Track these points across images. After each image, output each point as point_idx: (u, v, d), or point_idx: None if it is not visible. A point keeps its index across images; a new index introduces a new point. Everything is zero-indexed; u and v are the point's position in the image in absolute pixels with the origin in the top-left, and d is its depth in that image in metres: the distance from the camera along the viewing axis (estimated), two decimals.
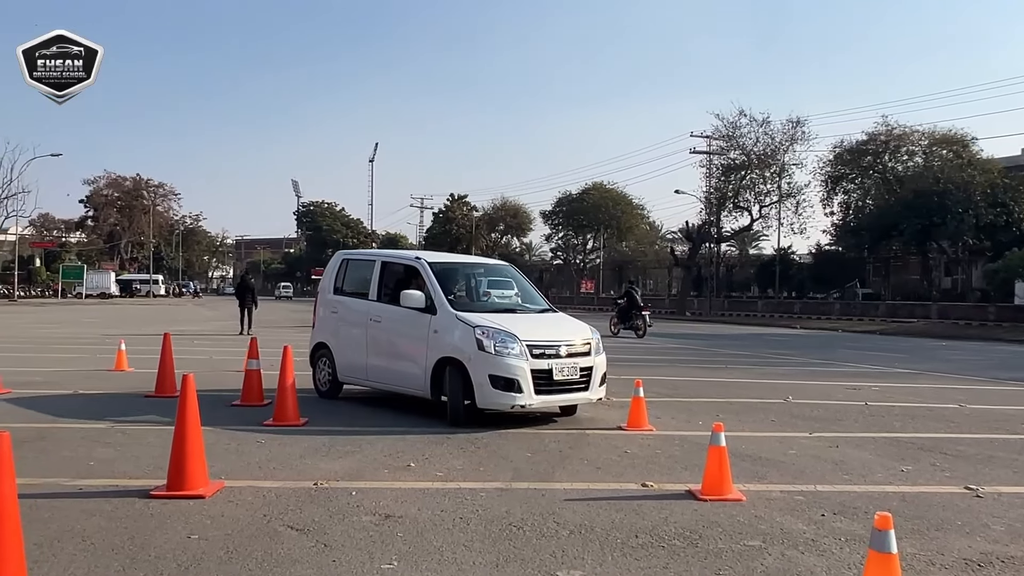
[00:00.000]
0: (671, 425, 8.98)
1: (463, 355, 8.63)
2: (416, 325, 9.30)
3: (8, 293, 64.40)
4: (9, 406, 9.54)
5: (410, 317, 9.38)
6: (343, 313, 10.74)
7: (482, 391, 8.47)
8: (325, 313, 10.99)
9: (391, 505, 5.43)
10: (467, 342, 8.63)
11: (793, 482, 6.40)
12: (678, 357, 18.92)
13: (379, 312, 10.02)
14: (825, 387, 13.09)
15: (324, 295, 11.18)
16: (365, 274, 10.58)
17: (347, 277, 11.00)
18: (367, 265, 10.75)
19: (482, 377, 8.44)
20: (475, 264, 11.64)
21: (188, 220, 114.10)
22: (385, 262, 10.50)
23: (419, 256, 10.29)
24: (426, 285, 9.44)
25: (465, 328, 8.74)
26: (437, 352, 8.94)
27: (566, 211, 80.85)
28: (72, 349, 18.29)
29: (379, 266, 10.38)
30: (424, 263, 9.81)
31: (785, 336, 30.64)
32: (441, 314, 9.09)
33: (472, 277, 10.68)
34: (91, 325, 29.30)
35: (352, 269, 11.10)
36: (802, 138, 52.19)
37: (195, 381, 5.73)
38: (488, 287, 10.97)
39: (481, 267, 11.42)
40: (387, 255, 11.21)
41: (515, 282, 10.96)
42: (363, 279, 10.58)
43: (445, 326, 8.99)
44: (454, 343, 8.81)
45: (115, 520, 4.94)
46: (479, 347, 8.51)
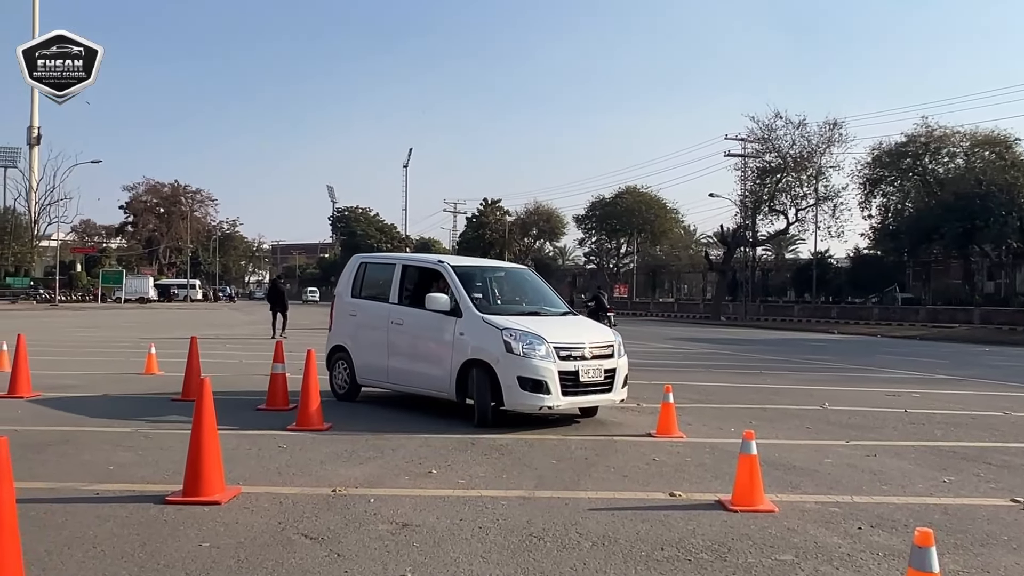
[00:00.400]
0: (702, 432, 8.74)
1: (491, 357, 8.66)
2: (441, 328, 9.30)
3: (50, 298, 65.55)
4: (38, 408, 9.57)
5: (434, 320, 9.37)
6: (362, 316, 10.67)
7: (510, 392, 8.51)
8: (343, 316, 10.95)
9: (409, 513, 5.28)
10: (494, 344, 8.65)
11: (828, 493, 6.13)
12: (711, 362, 18.60)
13: (401, 315, 9.99)
14: (863, 393, 12.73)
15: (341, 298, 11.14)
16: (384, 277, 10.57)
17: (365, 280, 10.96)
18: (386, 268, 10.73)
19: (510, 379, 8.48)
20: (495, 267, 11.65)
21: (225, 225, 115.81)
22: (406, 265, 10.51)
23: (442, 259, 10.23)
24: (450, 288, 9.44)
25: (492, 331, 8.77)
26: (463, 354, 8.96)
27: (599, 215, 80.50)
28: (106, 352, 18.44)
29: (399, 269, 10.36)
30: (448, 266, 9.80)
31: (822, 341, 30.08)
32: (467, 317, 9.10)
33: (493, 280, 10.65)
34: (127, 329, 29.64)
35: (370, 272, 11.08)
36: (839, 140, 51.58)
37: (223, 384, 5.66)
38: (509, 290, 10.92)
39: (501, 270, 11.46)
40: (407, 258, 11.20)
41: (534, 285, 10.97)
42: (382, 282, 10.57)
43: (471, 329, 9.00)
44: (481, 345, 8.83)
45: (128, 526, 4.85)
46: (507, 349, 8.54)
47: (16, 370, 10.55)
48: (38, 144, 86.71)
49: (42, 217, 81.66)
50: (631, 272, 78.14)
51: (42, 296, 67.04)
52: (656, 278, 79.46)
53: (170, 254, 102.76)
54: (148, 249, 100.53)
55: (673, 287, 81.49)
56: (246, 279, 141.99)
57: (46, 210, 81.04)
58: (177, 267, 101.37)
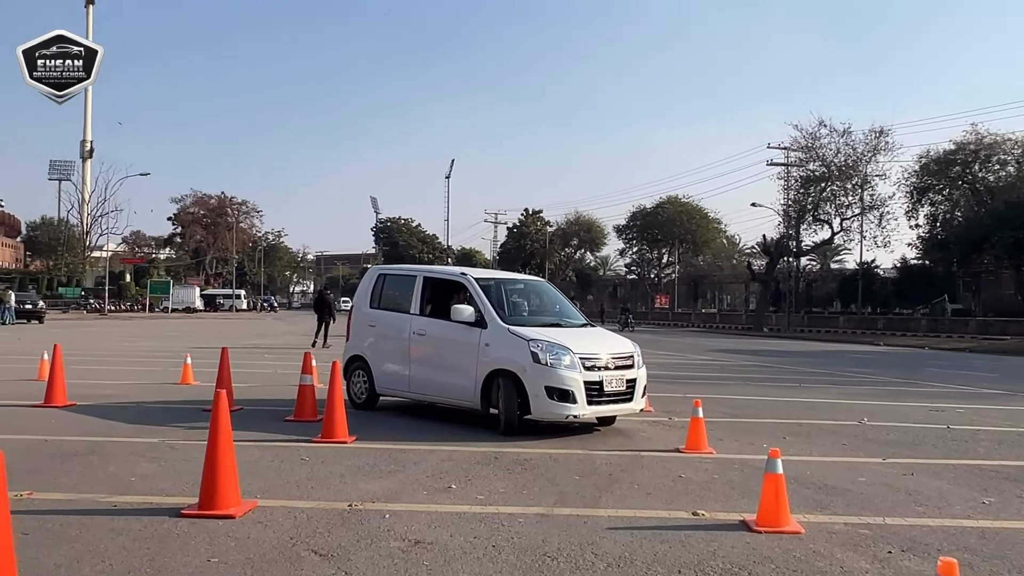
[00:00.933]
0: (732, 448, 8.53)
1: (517, 367, 8.87)
2: (466, 338, 9.44)
3: (99, 307, 66.99)
4: (71, 418, 9.70)
5: (459, 331, 9.51)
6: (381, 327, 10.78)
7: (538, 402, 8.73)
8: (361, 327, 11.05)
9: (423, 530, 5.20)
10: (521, 355, 8.86)
11: (859, 513, 5.91)
12: (749, 375, 18.25)
13: (423, 326, 10.11)
14: (905, 408, 12.35)
15: (360, 309, 11.23)
16: (405, 289, 10.69)
17: (384, 292, 11.09)
18: (407, 280, 10.82)
19: (538, 388, 8.69)
20: (515, 280, 11.77)
21: (270, 236, 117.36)
22: (427, 277, 10.62)
23: (464, 272, 10.38)
24: (474, 300, 9.60)
25: (519, 341, 8.97)
26: (488, 365, 9.14)
27: (640, 225, 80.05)
28: (146, 362, 18.73)
29: (421, 281, 10.47)
30: (471, 279, 9.97)
31: (867, 354, 29.41)
32: (492, 328, 9.28)
33: (512, 292, 10.75)
34: (170, 339, 30.10)
35: (389, 284, 11.20)
36: (885, 148, 50.54)
37: (256, 394, 5.64)
38: (528, 302, 10.99)
39: (520, 282, 11.64)
40: (428, 270, 11.31)
41: (553, 297, 11.17)
42: (403, 294, 10.72)
43: (496, 339, 9.18)
44: (508, 356, 9.03)
45: (140, 540, 4.84)
46: (534, 360, 8.75)
47: (52, 380, 10.71)
48: (91, 157, 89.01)
49: (94, 229, 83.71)
50: (673, 283, 77.43)
51: (92, 306, 68.48)
52: (698, 289, 78.57)
53: (216, 264, 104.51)
54: (195, 260, 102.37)
55: (715, 298, 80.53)
56: (291, 289, 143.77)
57: (98, 222, 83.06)
58: (223, 277, 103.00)
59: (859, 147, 51.02)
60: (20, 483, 6.20)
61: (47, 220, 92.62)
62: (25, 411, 10.22)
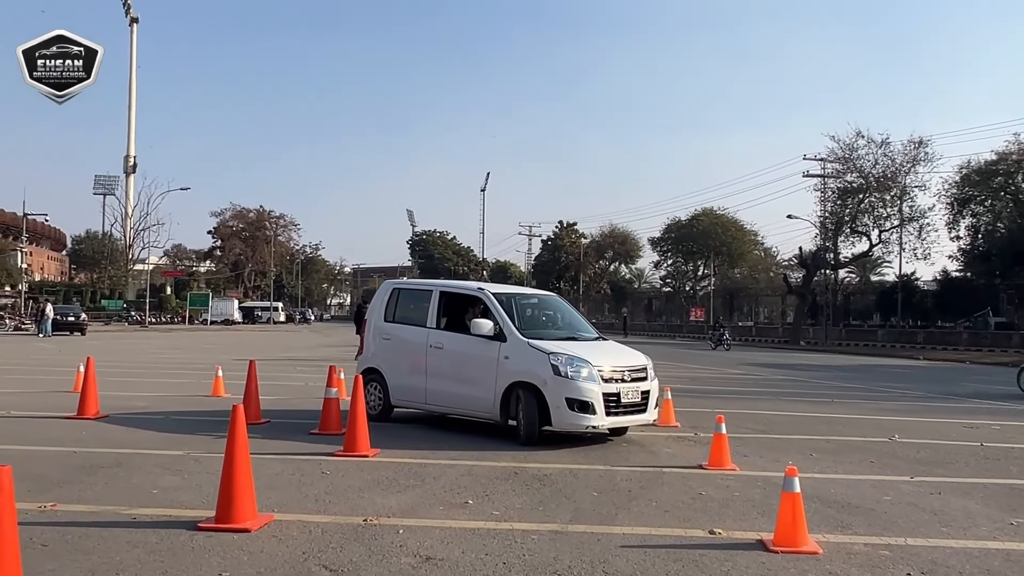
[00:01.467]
0: (757, 465, 8.42)
1: (538, 380, 9.13)
2: (485, 352, 9.67)
3: (141, 319, 68.20)
4: (101, 430, 9.88)
5: (478, 344, 9.75)
6: (397, 340, 10.99)
7: (558, 413, 9.00)
8: (376, 340, 11.27)
9: (435, 546, 5.20)
10: (542, 367, 9.13)
11: (881, 534, 5.80)
12: (781, 389, 18.01)
13: (440, 339, 10.34)
14: (938, 425, 12.10)
15: (375, 322, 11.42)
16: (421, 303, 10.91)
17: (399, 306, 11.29)
18: (423, 295, 11.02)
19: (559, 400, 8.97)
20: (529, 294, 11.93)
21: (308, 249, 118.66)
22: (443, 292, 10.85)
23: (482, 287, 10.66)
24: (492, 314, 9.85)
25: (539, 355, 9.25)
26: (508, 377, 9.40)
27: (675, 237, 79.56)
28: (180, 374, 19.01)
29: (437, 296, 10.70)
30: (489, 294, 10.24)
31: (905, 368, 28.88)
32: (511, 341, 9.53)
33: (527, 307, 10.93)
34: (207, 351, 30.53)
35: (405, 298, 11.41)
36: (925, 159, 49.59)
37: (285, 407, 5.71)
38: (542, 316, 11.16)
39: (534, 297, 11.79)
40: (445, 285, 11.51)
41: (566, 312, 11.52)
42: (418, 308, 10.95)
43: (516, 352, 9.44)
44: (528, 368, 9.29)
45: (155, 553, 4.91)
46: (555, 372, 9.03)
47: (85, 392, 10.92)
48: (134, 172, 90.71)
49: (136, 242, 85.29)
50: (708, 295, 76.74)
51: (133, 318, 69.73)
52: (734, 302, 77.78)
53: (255, 277, 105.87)
54: (234, 272, 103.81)
55: (751, 311, 79.63)
56: (328, 301, 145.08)
57: (140, 235, 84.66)
58: (261, 290, 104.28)
59: (898, 158, 50.22)
60: (47, 494, 6.35)
61: (91, 234, 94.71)
62: (59, 422, 10.43)
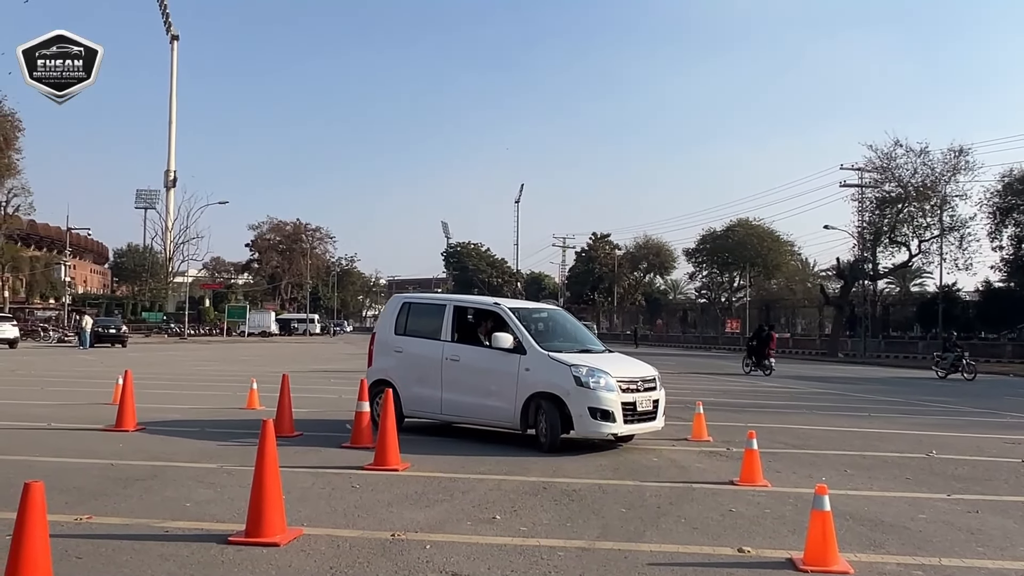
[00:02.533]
0: (790, 481, 8.32)
1: (561, 390, 9.60)
2: (504, 364, 10.09)
3: (180, 331, 69.29)
4: (137, 442, 10.05)
5: (496, 357, 10.17)
6: (409, 353, 11.30)
7: (581, 422, 9.51)
8: (385, 353, 11.56)
9: (461, 562, 5.21)
10: (564, 379, 9.62)
11: (915, 553, 5.69)
12: (817, 403, 17.76)
13: (456, 352, 10.69)
14: (978, 440, 11.85)
15: (384, 335, 11.73)
16: (434, 317, 11.25)
17: (410, 319, 11.61)
18: (436, 309, 11.41)
19: (581, 409, 9.46)
20: (540, 309, 12.27)
21: (343, 262, 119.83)
22: (457, 306, 11.24)
23: (498, 302, 11.13)
24: (511, 328, 10.24)
25: (561, 367, 9.73)
26: (529, 388, 9.84)
27: (710, 248, 79.04)
28: (216, 387, 19.26)
29: (451, 310, 11.09)
30: (506, 309, 10.67)
31: (945, 381, 28.32)
32: (531, 354, 9.97)
33: (539, 321, 11.28)
34: (244, 362, 30.93)
35: (416, 312, 11.73)
36: (965, 168, 48.67)
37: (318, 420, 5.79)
38: (554, 330, 11.39)
39: (544, 311, 12.11)
40: (459, 300, 11.88)
41: (574, 325, 12.06)
42: (431, 321, 11.24)
43: (538, 365, 9.89)
44: (550, 380, 9.76)
45: (185, 567, 4.98)
46: (577, 383, 9.50)
47: (122, 405, 11.13)
48: (174, 187, 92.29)
49: (176, 255, 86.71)
50: (744, 307, 76.01)
51: (173, 330, 70.86)
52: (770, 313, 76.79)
53: (291, 290, 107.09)
54: (271, 285, 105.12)
55: (788, 322, 78.67)
56: (363, 313, 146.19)
57: (180, 248, 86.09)
58: (298, 302, 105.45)
59: (937, 167, 49.41)
60: (83, 506, 6.48)
61: (133, 247, 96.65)
62: (97, 434, 10.64)
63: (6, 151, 53.53)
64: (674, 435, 11.39)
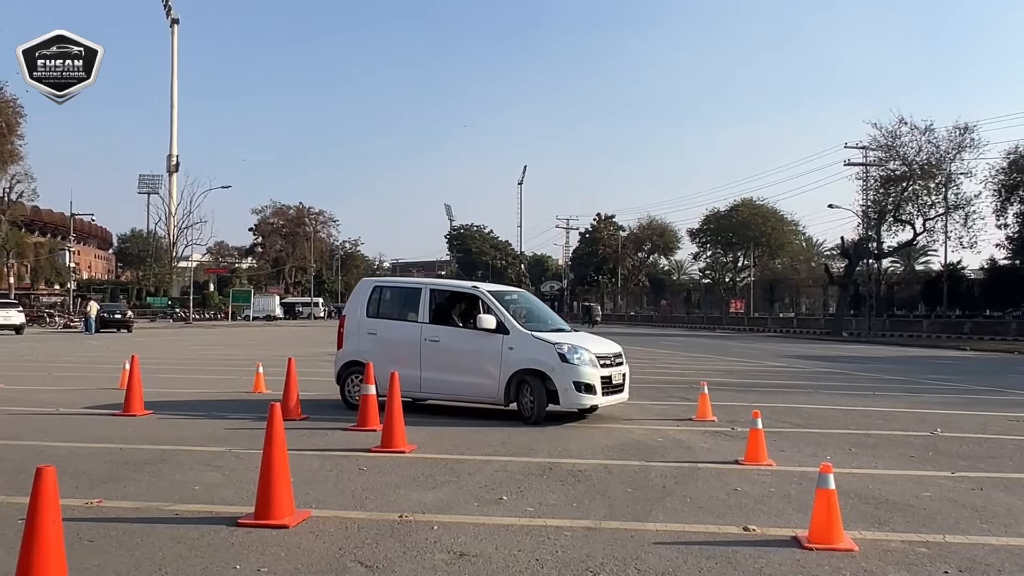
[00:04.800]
0: (794, 460, 8.36)
1: (546, 367, 10.34)
2: (488, 344, 10.70)
3: (185, 316, 69.48)
4: (145, 427, 10.12)
5: (478, 337, 10.78)
6: (385, 334, 11.68)
7: (566, 395, 10.32)
8: (358, 335, 11.89)
9: (469, 542, 5.26)
10: (549, 356, 10.37)
11: (919, 531, 5.73)
12: (821, 383, 17.78)
13: (435, 333, 11.21)
14: (983, 418, 11.87)
15: (354, 318, 12.02)
16: (410, 300, 11.82)
17: (382, 302, 12.00)
18: (412, 292, 11.96)
19: (567, 383, 10.26)
20: (510, 291, 12.69)
21: (347, 245, 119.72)
22: (434, 290, 11.78)
23: (477, 286, 11.67)
24: (492, 310, 10.82)
25: (545, 345, 10.51)
26: (513, 365, 10.52)
27: (714, 228, 79.01)
28: (222, 371, 19.33)
29: (428, 293, 11.58)
30: (486, 292, 11.23)
31: (950, 359, 28.35)
32: (514, 334, 10.65)
33: (511, 303, 11.63)
34: (249, 346, 31.02)
35: (388, 295, 12.19)
36: (971, 145, 48.32)
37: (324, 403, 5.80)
38: (525, 311, 11.83)
39: (514, 293, 12.61)
40: (435, 283, 12.42)
41: (541, 306, 12.89)
42: (407, 304, 11.84)
43: (522, 344, 10.58)
44: (536, 357, 10.47)
45: (196, 549, 5.03)
46: (562, 360, 10.28)
47: (130, 390, 11.20)
48: (176, 171, 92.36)
49: (179, 240, 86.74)
50: (748, 287, 75.98)
51: (178, 315, 71.06)
52: (774, 293, 76.86)
53: (295, 273, 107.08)
54: (275, 269, 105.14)
55: (792, 302, 78.64)
56: None
57: (183, 233, 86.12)
58: (302, 286, 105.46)
59: (942, 145, 49.08)
60: (93, 491, 6.54)
61: (136, 233, 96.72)
62: (106, 419, 10.71)
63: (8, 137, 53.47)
64: (679, 415, 11.45)
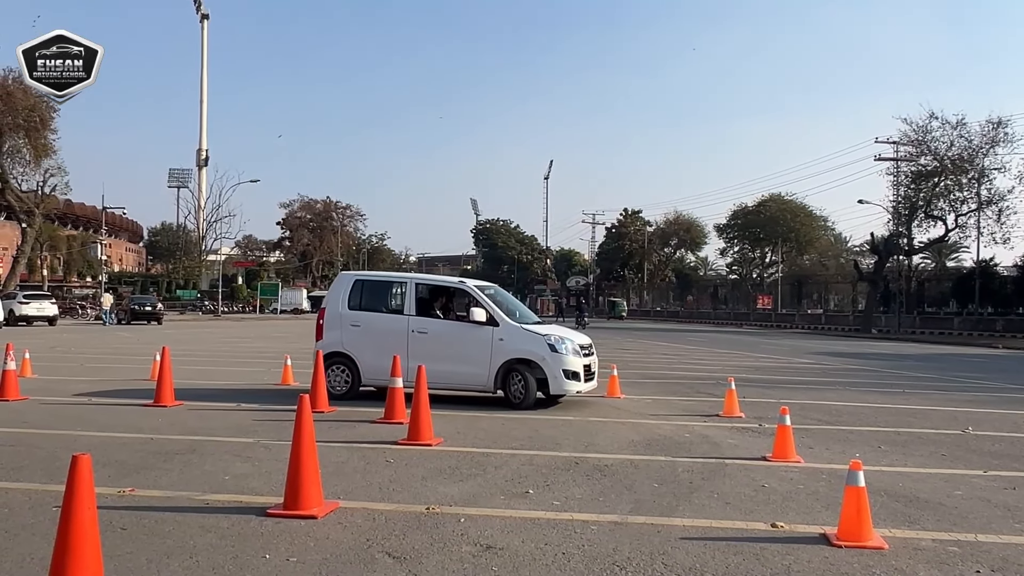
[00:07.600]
0: (823, 457, 8.29)
1: (537, 356, 11.15)
2: (478, 335, 11.34)
3: (213, 309, 70.17)
4: (176, 417, 10.24)
5: (468, 328, 11.43)
6: (369, 327, 12.03)
7: (556, 382, 11.14)
8: (340, 327, 12.11)
9: (496, 535, 5.28)
10: (540, 346, 11.19)
11: (950, 529, 5.66)
12: (850, 380, 17.60)
13: (423, 325, 11.70)
14: (1016, 417, 11.69)
15: (336, 310, 12.23)
16: (394, 293, 12.41)
17: (364, 296, 12.37)
18: (397, 285, 12.56)
19: (557, 371, 11.10)
20: (488, 286, 12.86)
21: (374, 239, 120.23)
22: (419, 283, 12.31)
23: (463, 280, 12.49)
24: (481, 304, 11.47)
25: (535, 336, 11.35)
26: (504, 355, 11.24)
27: (742, 224, 78.38)
28: (251, 363, 19.52)
29: (413, 287, 12.08)
30: (473, 286, 11.93)
31: (982, 357, 27.95)
32: (504, 326, 11.38)
33: (490, 297, 12.01)
34: (277, 339, 31.27)
35: (370, 289, 12.60)
36: (1004, 140, 47.64)
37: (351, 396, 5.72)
38: (503, 304, 12.19)
39: (491, 288, 12.86)
40: (419, 278, 12.83)
41: (513, 300, 13.34)
42: (391, 297, 12.43)
43: (512, 335, 11.33)
44: (526, 348, 11.23)
45: (226, 538, 5.09)
46: (552, 349, 11.14)
47: (161, 381, 11.33)
48: (206, 165, 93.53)
49: (209, 233, 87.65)
50: (776, 283, 75.32)
51: (207, 307, 71.77)
52: (802, 289, 76.17)
53: (322, 267, 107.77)
54: (302, 262, 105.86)
55: (821, 298, 77.85)
56: None
57: (212, 227, 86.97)
58: (329, 280, 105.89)
59: (975, 139, 48.40)
60: (125, 480, 6.64)
61: (166, 226, 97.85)
62: (137, 410, 10.85)
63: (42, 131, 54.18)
64: (706, 411, 11.39)
